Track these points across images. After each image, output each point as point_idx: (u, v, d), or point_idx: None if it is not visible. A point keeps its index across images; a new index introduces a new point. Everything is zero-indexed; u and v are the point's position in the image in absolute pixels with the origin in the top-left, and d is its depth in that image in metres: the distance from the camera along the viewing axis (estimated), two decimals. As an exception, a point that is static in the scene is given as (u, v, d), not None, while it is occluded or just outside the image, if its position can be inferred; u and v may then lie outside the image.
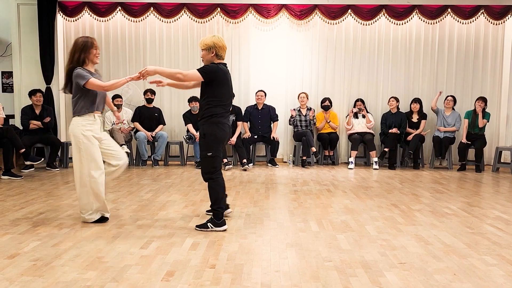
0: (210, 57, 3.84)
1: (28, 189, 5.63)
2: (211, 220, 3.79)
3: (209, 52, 3.82)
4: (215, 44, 3.80)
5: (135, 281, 2.67)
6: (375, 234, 3.70)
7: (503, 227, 3.96)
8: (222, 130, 3.84)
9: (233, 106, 8.03)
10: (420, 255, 3.18)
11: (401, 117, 8.02)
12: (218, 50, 3.82)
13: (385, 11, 8.20)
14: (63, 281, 2.65)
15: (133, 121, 7.97)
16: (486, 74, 8.43)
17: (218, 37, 3.85)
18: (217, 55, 3.84)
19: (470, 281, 2.71)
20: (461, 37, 8.41)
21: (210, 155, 3.78)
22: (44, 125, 7.33)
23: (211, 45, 3.80)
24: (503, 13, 8.11)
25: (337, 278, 2.74)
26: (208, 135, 3.80)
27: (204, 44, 3.83)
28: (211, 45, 3.80)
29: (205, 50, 3.83)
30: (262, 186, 5.98)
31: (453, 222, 4.14)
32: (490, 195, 5.50)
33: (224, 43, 3.88)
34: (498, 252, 3.26)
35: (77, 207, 4.60)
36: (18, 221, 4.03)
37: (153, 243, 3.41)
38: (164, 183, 6.15)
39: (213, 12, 8.23)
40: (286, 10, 8.23)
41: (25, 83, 8.13)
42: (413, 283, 2.67)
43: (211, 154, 3.78)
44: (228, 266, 2.93)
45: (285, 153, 8.62)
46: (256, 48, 8.51)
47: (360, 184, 6.16)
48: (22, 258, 3.05)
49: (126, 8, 8.20)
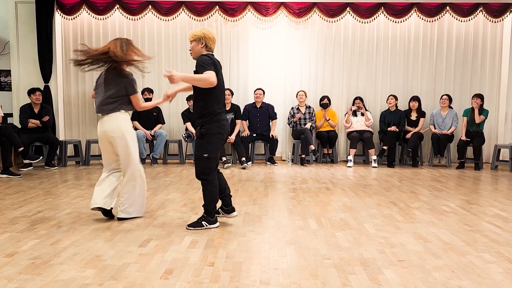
0: (199, 49, 3.71)
1: (27, 187, 5.62)
2: (204, 218, 3.77)
3: (198, 43, 3.70)
4: (205, 35, 3.70)
5: (134, 279, 2.67)
6: (374, 232, 3.70)
7: (502, 225, 3.96)
8: (225, 128, 3.77)
9: (232, 104, 8.03)
10: (419, 253, 3.18)
11: (400, 115, 8.02)
12: (207, 41, 3.72)
13: (383, 9, 8.20)
14: (61, 279, 2.65)
15: (132, 120, 7.93)
16: (485, 72, 8.43)
17: (208, 29, 3.78)
18: (207, 46, 3.73)
19: (468, 278, 2.71)
20: (460, 35, 8.41)
21: (207, 157, 3.69)
22: (42, 124, 7.32)
23: (201, 35, 3.70)
24: (501, 10, 8.11)
25: (336, 275, 2.74)
26: (209, 135, 3.68)
27: (193, 35, 3.73)
28: (201, 35, 3.70)
29: (195, 41, 3.71)
30: (261, 184, 5.98)
31: (451, 219, 4.14)
32: (488, 193, 5.51)
33: (214, 36, 3.78)
34: (497, 250, 3.26)
35: (74, 207, 4.59)
36: (17, 219, 4.03)
37: (151, 241, 3.41)
38: (163, 181, 6.14)
39: (211, 10, 8.21)
40: (285, 8, 8.22)
41: (23, 81, 8.11)
42: (411, 280, 2.67)
43: (207, 156, 3.68)
44: (227, 264, 2.93)
45: (284, 151, 8.62)
46: (254, 46, 8.50)
47: (359, 182, 6.16)
48: (21, 256, 3.05)
49: (124, 6, 8.18)
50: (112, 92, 3.98)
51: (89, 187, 5.65)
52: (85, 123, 8.55)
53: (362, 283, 2.63)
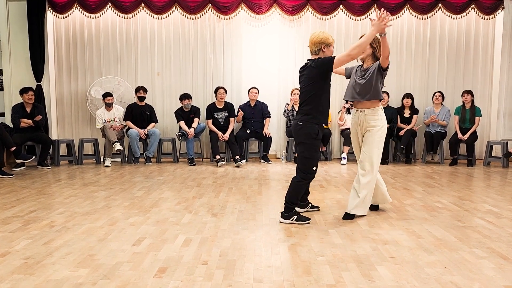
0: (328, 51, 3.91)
1: (19, 187, 5.59)
2: (296, 214, 3.90)
3: None
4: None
5: (127, 278, 2.66)
6: (367, 229, 3.71)
7: (494, 221, 3.99)
8: None
9: (226, 103, 8.03)
10: (412, 249, 3.20)
11: (392, 112, 8.05)
12: None
13: (376, 7, 8.21)
14: (54, 279, 2.64)
15: (125, 120, 7.91)
16: (477, 69, 8.48)
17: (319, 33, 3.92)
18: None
19: (460, 274, 2.73)
20: (452, 32, 8.45)
21: (308, 157, 3.82)
22: (35, 123, 7.27)
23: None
24: (493, 8, 8.15)
25: (329, 272, 2.75)
26: (312, 134, 3.83)
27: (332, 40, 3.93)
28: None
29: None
30: (255, 182, 5.98)
31: (444, 216, 4.16)
32: (481, 189, 5.54)
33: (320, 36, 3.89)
34: (489, 245, 3.29)
35: (67, 207, 4.58)
36: (9, 219, 4.00)
37: (145, 240, 3.40)
38: (157, 180, 6.13)
39: (204, 8, 8.19)
40: (278, 6, 8.22)
41: (15, 80, 8.05)
42: (404, 276, 2.69)
43: (307, 156, 3.83)
44: (220, 262, 2.93)
45: (278, 149, 8.63)
46: (248, 44, 8.49)
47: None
48: (13, 256, 3.03)
49: (116, 5, 8.14)
50: (379, 82, 4.16)
51: (82, 186, 5.63)
52: (78, 122, 8.50)
53: (355, 279, 2.64)
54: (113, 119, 7.85)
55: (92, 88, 8.21)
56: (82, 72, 8.42)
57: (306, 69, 3.90)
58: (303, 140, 3.84)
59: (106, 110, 7.86)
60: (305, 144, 3.83)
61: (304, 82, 3.89)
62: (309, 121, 3.84)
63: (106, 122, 7.77)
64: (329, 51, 3.89)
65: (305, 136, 3.83)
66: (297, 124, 3.89)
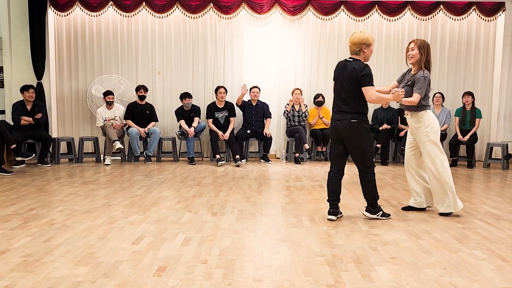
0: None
1: (19, 185, 5.59)
2: (380, 210, 4.04)
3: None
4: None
5: (127, 276, 2.66)
6: (367, 229, 3.72)
7: (493, 222, 3.99)
8: None
9: (226, 102, 8.03)
10: (411, 250, 3.20)
11: (393, 113, 8.05)
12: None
13: (377, 7, 8.22)
14: (54, 276, 2.64)
15: (126, 118, 7.91)
16: (478, 71, 8.48)
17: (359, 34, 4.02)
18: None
19: (460, 275, 2.73)
20: (453, 33, 8.45)
21: (369, 151, 3.97)
22: (35, 121, 7.27)
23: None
24: (494, 9, 8.15)
25: (328, 272, 2.75)
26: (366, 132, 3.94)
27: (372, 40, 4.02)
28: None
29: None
30: (255, 182, 5.98)
31: (443, 217, 4.16)
32: (481, 191, 5.54)
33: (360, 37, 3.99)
34: (488, 247, 3.29)
35: (67, 205, 4.58)
36: (9, 217, 4.00)
37: (145, 238, 3.41)
38: (157, 179, 6.13)
39: (205, 7, 8.19)
40: (279, 5, 8.22)
41: (15, 78, 8.04)
42: (404, 277, 2.69)
43: (369, 151, 3.97)
44: (220, 261, 2.93)
45: (278, 149, 8.63)
46: (249, 44, 8.49)
47: (352, 180, 6.17)
48: (13, 254, 3.03)
49: (118, 3, 8.14)
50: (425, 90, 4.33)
51: (82, 184, 5.63)
52: (78, 121, 8.50)
53: (355, 280, 2.65)
54: (114, 117, 7.85)
55: (92, 87, 8.21)
56: (83, 70, 8.42)
57: (351, 70, 3.90)
58: (363, 136, 3.92)
59: (107, 108, 7.86)
60: (364, 140, 3.93)
61: (350, 81, 3.91)
62: (362, 118, 3.93)
63: (106, 120, 7.77)
64: (369, 51, 4.01)
65: (365, 132, 3.92)
66: (352, 122, 3.91)
